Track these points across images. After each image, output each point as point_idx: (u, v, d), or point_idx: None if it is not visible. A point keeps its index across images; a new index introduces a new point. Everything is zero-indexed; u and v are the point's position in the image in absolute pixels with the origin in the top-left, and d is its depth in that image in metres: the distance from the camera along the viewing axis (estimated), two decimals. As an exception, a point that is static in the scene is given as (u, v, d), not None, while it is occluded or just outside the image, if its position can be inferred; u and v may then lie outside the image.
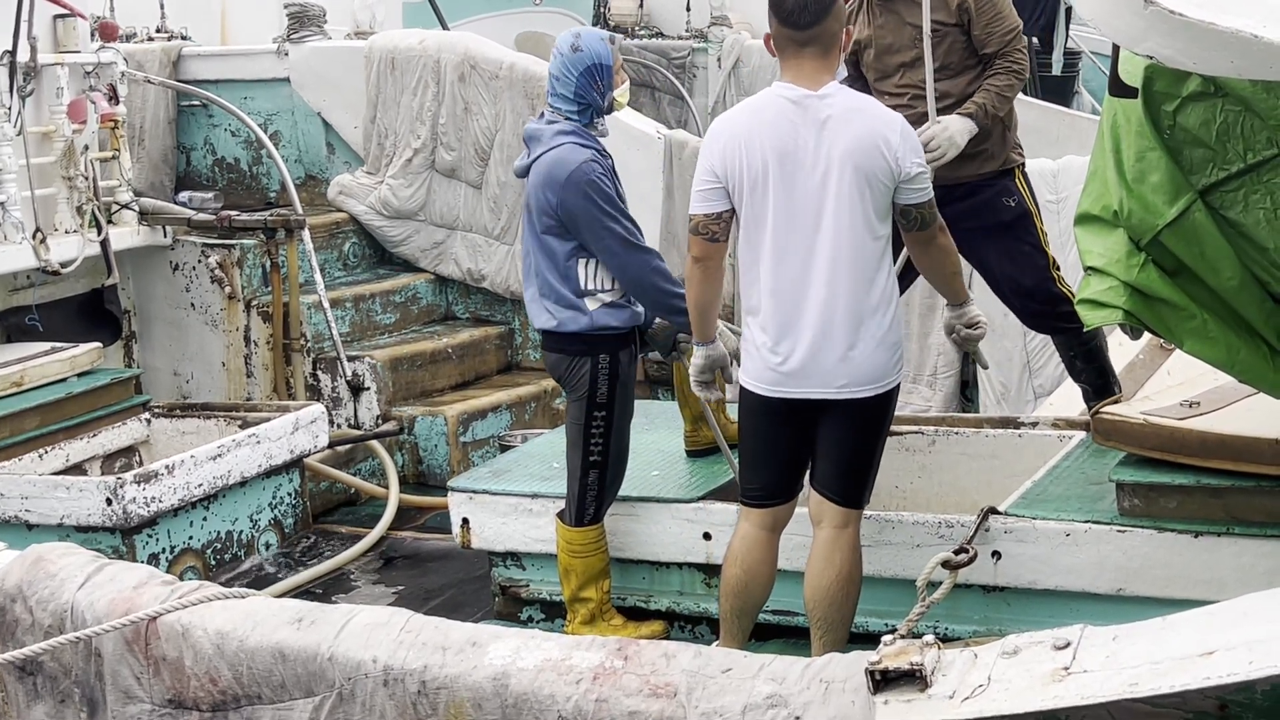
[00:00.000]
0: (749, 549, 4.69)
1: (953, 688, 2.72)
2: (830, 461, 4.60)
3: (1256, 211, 3.57)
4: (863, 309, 4.46)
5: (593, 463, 5.15)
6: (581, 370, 5.15)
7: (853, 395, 4.49)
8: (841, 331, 4.46)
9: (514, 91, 8.54)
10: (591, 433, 5.13)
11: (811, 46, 4.46)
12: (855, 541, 4.62)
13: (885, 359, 4.51)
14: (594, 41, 5.12)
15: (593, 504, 5.18)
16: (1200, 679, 2.45)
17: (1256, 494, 4.39)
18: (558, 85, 5.11)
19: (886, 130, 4.44)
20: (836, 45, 4.53)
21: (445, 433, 7.84)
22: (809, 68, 4.48)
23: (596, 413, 5.13)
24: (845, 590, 4.57)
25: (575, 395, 5.21)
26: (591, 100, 5.09)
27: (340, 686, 3.20)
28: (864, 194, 4.42)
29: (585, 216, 4.97)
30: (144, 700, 3.42)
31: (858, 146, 4.41)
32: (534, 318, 5.23)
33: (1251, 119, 3.53)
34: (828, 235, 4.44)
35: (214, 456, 6.41)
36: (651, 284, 5.06)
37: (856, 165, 4.41)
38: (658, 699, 2.95)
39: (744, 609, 4.74)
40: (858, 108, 4.50)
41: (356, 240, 9.01)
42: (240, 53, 9.80)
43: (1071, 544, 4.67)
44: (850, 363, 4.47)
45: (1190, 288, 3.70)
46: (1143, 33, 2.78)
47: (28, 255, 7.26)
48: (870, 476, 4.65)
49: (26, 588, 3.57)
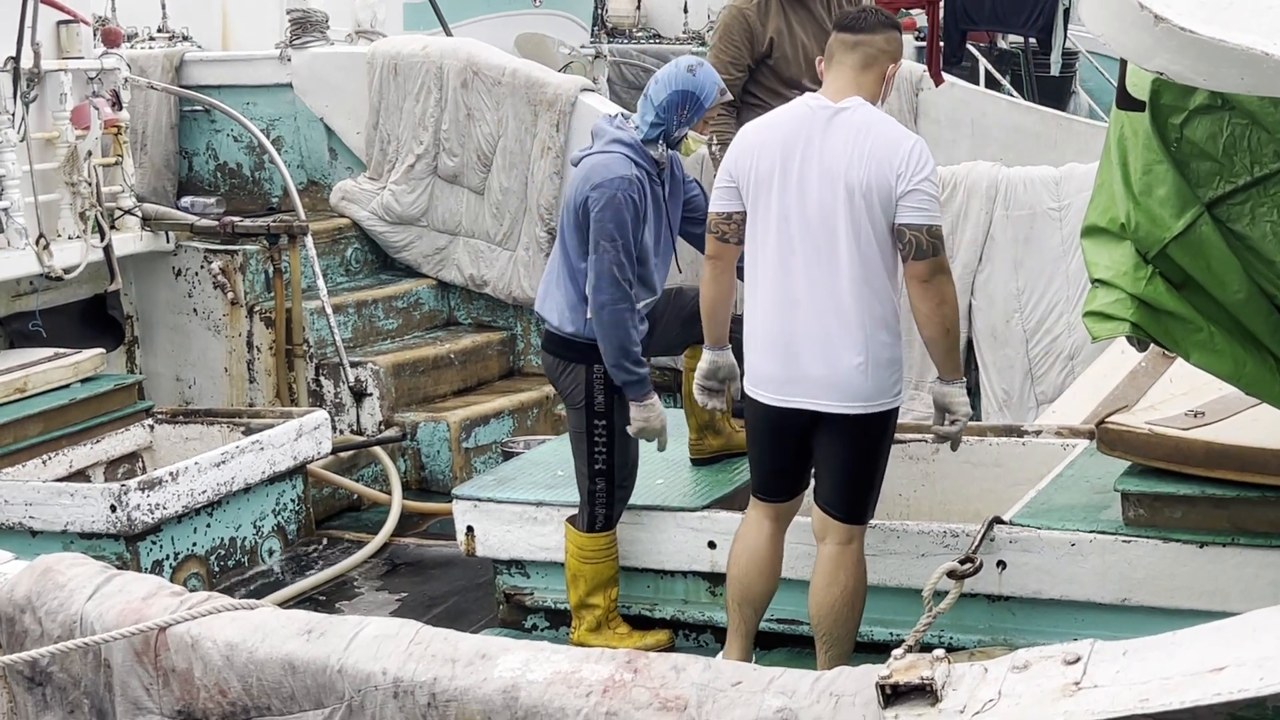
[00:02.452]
0: (750, 530, 4.79)
1: (963, 702, 2.72)
2: (830, 477, 4.61)
3: (1263, 225, 3.58)
4: (863, 323, 4.46)
5: (598, 471, 5.16)
6: (575, 379, 5.16)
7: (848, 410, 4.50)
8: (839, 344, 4.47)
9: (516, 98, 8.54)
10: (595, 441, 5.14)
11: (853, 54, 4.53)
12: (859, 557, 4.64)
13: (885, 377, 4.50)
14: (707, 76, 5.17)
15: (602, 511, 5.19)
16: (1211, 695, 2.46)
17: (1261, 505, 4.41)
18: (651, 90, 5.15)
19: (896, 146, 4.44)
20: (878, 67, 4.55)
21: (447, 438, 7.85)
22: (843, 80, 4.54)
23: (597, 422, 5.14)
24: (850, 605, 4.59)
25: (573, 404, 5.22)
26: (668, 123, 5.10)
27: (350, 699, 3.19)
28: (869, 209, 4.42)
29: (596, 227, 4.99)
30: (153, 711, 3.41)
31: (863, 159, 4.42)
32: (540, 304, 5.27)
33: (1258, 132, 3.54)
34: (830, 246, 4.46)
35: (218, 463, 6.41)
36: (611, 324, 5.01)
37: (861, 179, 4.42)
38: (667, 712, 2.95)
39: (745, 597, 4.78)
40: (872, 122, 4.50)
41: (359, 246, 9.01)
42: (243, 58, 9.81)
43: (1076, 554, 4.68)
44: (847, 377, 4.48)
45: (1197, 300, 3.70)
46: (1152, 49, 2.78)
47: (31, 261, 7.27)
48: (872, 494, 4.67)
49: (35, 598, 3.57)
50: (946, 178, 7.95)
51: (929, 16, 11.84)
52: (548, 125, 8.45)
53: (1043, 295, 7.67)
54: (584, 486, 5.21)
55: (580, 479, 5.23)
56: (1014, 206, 7.74)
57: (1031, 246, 7.70)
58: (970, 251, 7.81)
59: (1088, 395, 6.41)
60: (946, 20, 13.84)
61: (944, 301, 4.48)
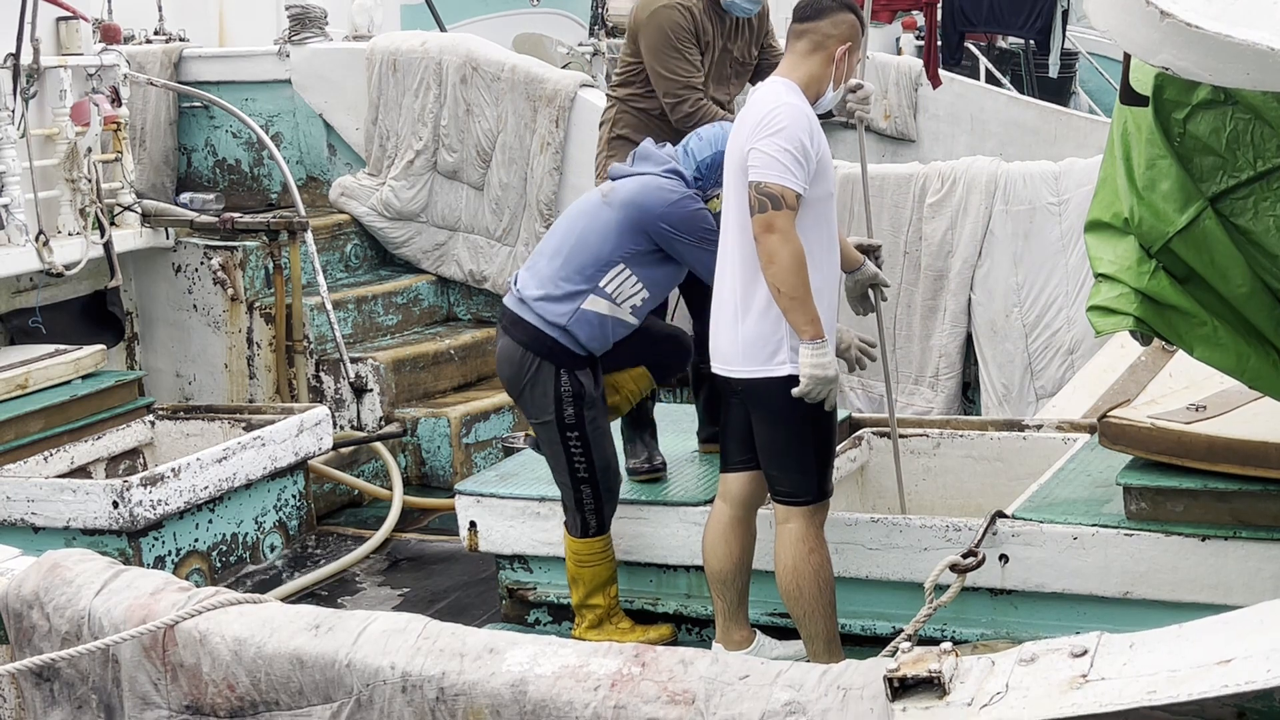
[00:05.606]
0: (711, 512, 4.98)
1: (970, 695, 2.73)
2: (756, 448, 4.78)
3: (1267, 219, 3.59)
4: (744, 293, 4.58)
5: (581, 479, 5.13)
6: (542, 388, 5.05)
7: (730, 374, 4.66)
8: (727, 312, 4.63)
9: (515, 93, 8.55)
10: (572, 453, 5.10)
11: (801, 40, 4.69)
12: (800, 536, 4.65)
13: (759, 347, 4.57)
14: None
15: (593, 516, 5.18)
16: (1218, 687, 2.47)
17: (1263, 498, 4.41)
18: (694, 145, 5.15)
19: (758, 111, 4.56)
20: (824, 51, 4.67)
21: (448, 434, 7.86)
22: (786, 65, 4.73)
23: (570, 433, 5.08)
24: (795, 584, 4.65)
25: (540, 418, 5.11)
26: (706, 179, 5.08)
27: (359, 693, 3.21)
28: (743, 187, 4.55)
29: (688, 228, 5.01)
30: (161, 706, 3.42)
31: (744, 135, 4.57)
32: (522, 283, 5.13)
33: (1261, 127, 3.55)
34: (725, 218, 4.71)
35: (220, 459, 6.41)
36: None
37: (737, 150, 4.60)
38: (675, 705, 2.96)
39: (709, 575, 4.94)
40: (761, 95, 4.65)
41: (358, 242, 9.01)
42: (241, 54, 9.80)
43: (1079, 547, 4.69)
44: (728, 344, 4.65)
45: (1200, 295, 3.72)
46: (1158, 44, 2.79)
47: (31, 258, 7.26)
48: (789, 473, 4.68)
49: (43, 594, 3.58)
50: (946, 172, 7.97)
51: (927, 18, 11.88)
52: (547, 121, 8.46)
53: (1042, 290, 7.69)
54: (569, 495, 5.18)
55: (564, 489, 5.19)
56: (1013, 201, 7.75)
57: (1031, 241, 7.71)
58: (970, 246, 7.82)
59: (1087, 390, 6.43)
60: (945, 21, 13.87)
61: (771, 261, 4.44)
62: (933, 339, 7.97)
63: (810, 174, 4.50)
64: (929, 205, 7.94)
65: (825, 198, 4.62)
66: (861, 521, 5.02)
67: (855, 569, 5.01)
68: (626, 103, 6.11)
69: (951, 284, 7.90)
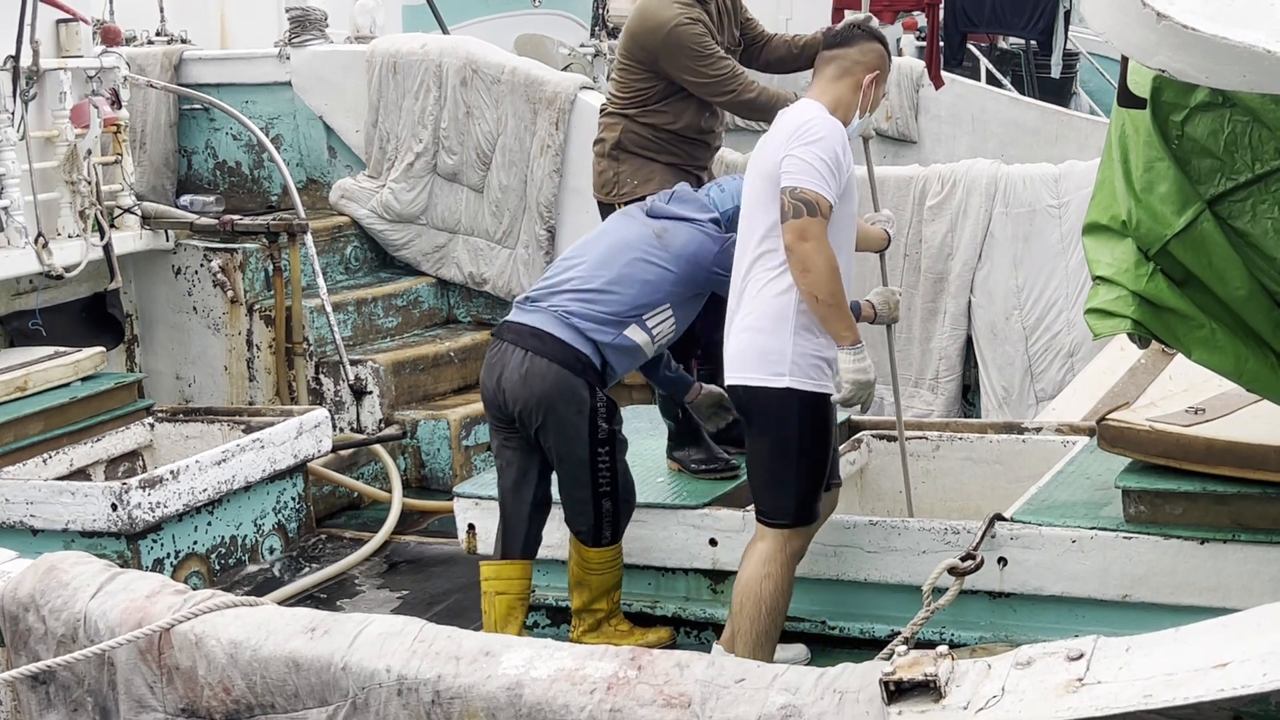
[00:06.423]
0: None
1: (967, 698, 2.72)
2: None
3: (1264, 221, 3.59)
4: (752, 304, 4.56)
5: (604, 492, 5.11)
6: (573, 403, 4.99)
7: (733, 379, 4.62)
8: (740, 317, 4.61)
9: (515, 96, 8.55)
10: (599, 467, 5.08)
11: (829, 66, 4.73)
12: (765, 557, 4.59)
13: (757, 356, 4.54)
14: None
15: (609, 527, 5.15)
16: (1215, 690, 2.46)
17: (1262, 501, 4.41)
18: (717, 198, 5.24)
19: (792, 123, 4.56)
20: (852, 77, 4.70)
21: (448, 436, 7.85)
22: (814, 90, 4.72)
23: (601, 449, 5.07)
24: (739, 601, 4.59)
25: (570, 434, 5.02)
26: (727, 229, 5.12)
27: (354, 696, 3.20)
28: (769, 195, 4.53)
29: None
30: (157, 709, 3.42)
31: (776, 143, 4.56)
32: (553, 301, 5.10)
33: (1259, 129, 3.55)
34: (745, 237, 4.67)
35: (218, 461, 6.41)
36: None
37: (764, 165, 4.58)
38: (671, 709, 2.96)
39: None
40: (792, 113, 4.65)
41: (358, 244, 9.01)
42: (242, 56, 9.80)
43: (1077, 550, 4.68)
44: (734, 348, 4.62)
45: (1198, 297, 3.71)
46: (1155, 46, 2.79)
47: (31, 260, 7.27)
48: (770, 488, 4.62)
49: (39, 597, 3.57)
50: (946, 174, 7.97)
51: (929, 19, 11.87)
52: (547, 123, 8.45)
53: (1042, 292, 7.69)
54: (588, 509, 5.11)
55: (579, 503, 5.12)
56: (1013, 203, 7.76)
57: (1031, 243, 7.71)
58: (970, 248, 7.82)
59: (1087, 392, 6.42)
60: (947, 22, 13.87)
61: (807, 270, 4.40)
62: (933, 341, 7.97)
63: (841, 188, 4.48)
64: (929, 208, 7.94)
65: (847, 219, 4.59)
66: (860, 524, 5.02)
67: (854, 572, 5.00)
68: (635, 119, 5.88)
69: (951, 286, 7.90)
